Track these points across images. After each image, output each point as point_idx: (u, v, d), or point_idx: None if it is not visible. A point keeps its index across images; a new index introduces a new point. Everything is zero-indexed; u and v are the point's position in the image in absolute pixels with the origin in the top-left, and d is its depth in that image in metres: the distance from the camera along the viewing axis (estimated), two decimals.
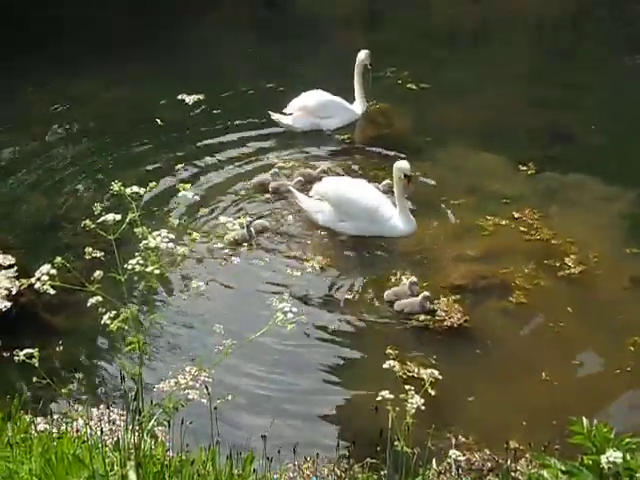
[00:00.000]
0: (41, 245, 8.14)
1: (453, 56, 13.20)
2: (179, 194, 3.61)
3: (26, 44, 12.72)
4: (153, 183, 3.67)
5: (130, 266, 3.44)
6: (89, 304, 3.48)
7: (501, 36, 14.08)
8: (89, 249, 3.57)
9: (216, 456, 4.58)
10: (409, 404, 3.62)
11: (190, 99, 11.18)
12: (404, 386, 3.74)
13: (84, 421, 5.26)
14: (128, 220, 3.48)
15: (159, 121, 10.68)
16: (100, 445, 4.29)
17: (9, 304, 6.96)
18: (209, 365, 4.15)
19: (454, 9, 15.19)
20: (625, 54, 12.84)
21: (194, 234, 3.60)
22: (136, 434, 3.65)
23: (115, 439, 4.64)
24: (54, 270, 3.42)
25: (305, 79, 11.55)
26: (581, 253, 7.82)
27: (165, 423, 3.67)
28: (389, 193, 8.53)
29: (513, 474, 5.50)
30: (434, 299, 7.24)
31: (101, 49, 12.83)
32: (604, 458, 3.04)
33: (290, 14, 14.95)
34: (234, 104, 11.27)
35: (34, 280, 3.41)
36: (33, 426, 5.06)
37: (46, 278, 3.39)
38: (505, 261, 7.77)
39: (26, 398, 5.57)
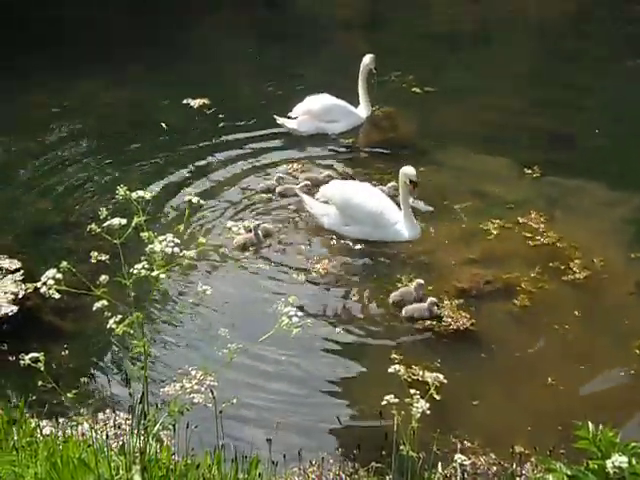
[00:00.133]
0: (46, 249, 8.14)
1: (456, 58, 13.20)
2: (184, 198, 3.62)
3: (26, 44, 12.72)
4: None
5: (136, 270, 3.45)
6: (95, 308, 3.49)
7: (502, 37, 14.06)
8: (94, 253, 3.58)
9: (221, 460, 4.58)
10: (414, 408, 3.62)
11: (195, 103, 11.21)
12: (409, 390, 3.74)
13: (90, 425, 5.27)
14: (134, 224, 3.48)
15: (164, 125, 10.69)
16: (106, 449, 4.29)
17: (15, 308, 6.98)
18: (215, 368, 4.14)
19: (454, 9, 15.17)
20: (627, 55, 12.80)
21: (201, 239, 3.61)
22: (142, 438, 3.66)
23: (121, 443, 4.65)
24: (60, 274, 3.42)
25: (307, 82, 11.56)
26: (586, 257, 7.81)
27: (170, 427, 3.68)
28: (394, 196, 8.52)
29: (518, 478, 5.50)
30: (439, 303, 7.24)
31: (101, 49, 12.83)
32: (610, 463, 3.04)
33: (290, 15, 14.95)
34: (238, 107, 11.27)
35: (40, 284, 3.42)
36: (39, 430, 5.06)
37: (52, 282, 3.39)
38: (510, 265, 7.76)
39: (32, 402, 5.58)
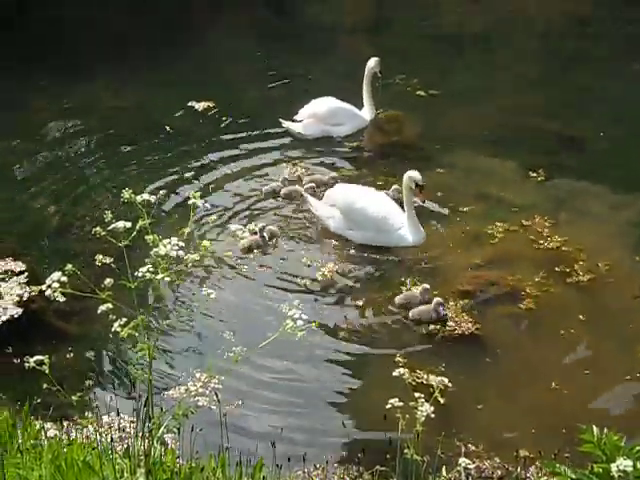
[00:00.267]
0: (51, 252, 8.15)
1: (460, 61, 13.16)
2: (189, 201, 3.62)
3: (26, 44, 12.72)
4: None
5: (140, 273, 3.45)
6: (99, 311, 3.49)
7: (504, 38, 13.99)
8: (99, 256, 3.58)
9: (226, 463, 4.58)
10: (419, 412, 3.61)
11: (200, 106, 11.21)
12: (414, 394, 3.74)
13: (94, 428, 5.27)
14: (138, 227, 3.49)
15: (168, 128, 10.68)
16: (110, 452, 4.29)
17: (20, 310, 7.00)
18: (219, 372, 4.15)
19: (459, 11, 15.14)
20: (632, 58, 12.77)
21: (205, 242, 3.60)
22: (146, 441, 3.66)
23: (125, 446, 4.64)
24: (65, 277, 3.43)
25: (314, 86, 11.54)
26: (591, 261, 7.80)
27: (175, 430, 3.68)
28: (398, 199, 8.50)
29: None
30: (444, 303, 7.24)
31: (101, 49, 12.79)
32: (614, 466, 3.03)
33: (299, 22, 14.95)
34: (243, 110, 11.24)
35: (45, 287, 3.43)
36: (43, 432, 5.06)
37: (57, 285, 3.40)
38: (515, 268, 7.75)
39: (36, 404, 5.58)
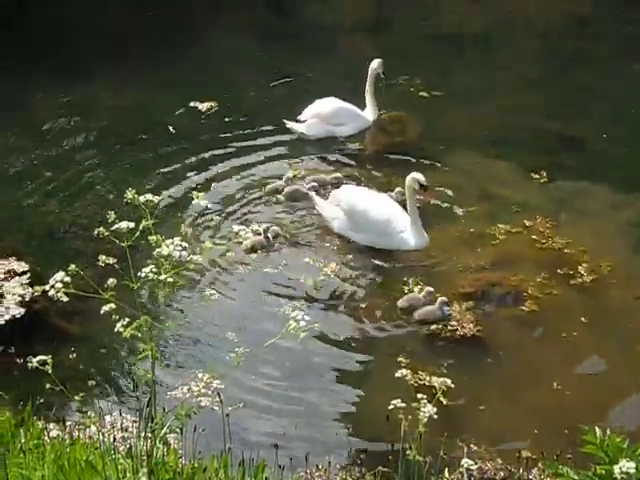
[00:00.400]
0: (54, 252, 8.15)
1: (462, 61, 13.14)
2: (193, 202, 3.62)
3: (26, 44, 12.72)
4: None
5: (143, 274, 3.46)
6: (102, 311, 3.49)
7: (505, 38, 13.98)
8: (102, 256, 3.59)
9: (228, 464, 4.58)
10: (421, 413, 3.61)
11: (203, 106, 11.21)
12: (416, 395, 3.74)
13: (97, 428, 5.27)
14: (141, 228, 3.49)
15: (172, 128, 10.68)
16: (113, 452, 4.30)
17: (23, 310, 7.01)
18: (222, 372, 4.15)
19: (460, 11, 15.12)
20: (632, 58, 12.74)
21: (207, 243, 3.60)
22: (149, 441, 3.66)
23: (128, 446, 4.65)
24: (68, 277, 3.43)
25: (314, 86, 11.54)
26: (593, 262, 7.79)
27: (178, 430, 3.68)
28: (402, 201, 8.49)
29: None
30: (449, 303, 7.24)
31: (101, 49, 12.79)
32: (617, 468, 3.03)
33: (299, 22, 14.94)
34: (244, 110, 11.21)
35: (48, 287, 3.43)
36: (46, 432, 5.07)
37: (60, 285, 3.40)
38: (517, 269, 7.75)
39: (39, 404, 5.59)
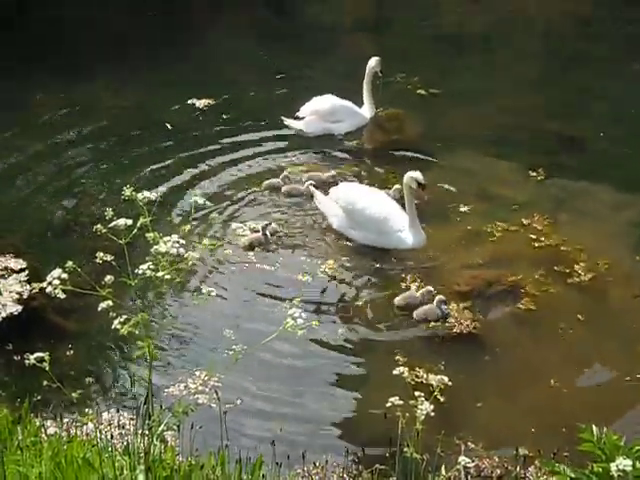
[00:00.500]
0: (52, 249, 8.14)
1: (461, 60, 13.14)
2: (190, 199, 3.62)
3: (26, 44, 12.71)
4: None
5: (141, 271, 3.45)
6: (100, 308, 3.49)
7: (504, 38, 13.99)
8: (100, 253, 3.58)
9: (225, 461, 4.58)
10: (418, 410, 3.61)
11: (200, 103, 11.21)
12: (413, 392, 3.74)
13: (94, 425, 5.27)
14: (139, 225, 3.48)
15: (169, 125, 10.68)
16: (110, 449, 4.30)
17: (20, 308, 7.01)
18: (219, 370, 4.14)
19: (459, 11, 15.13)
20: (632, 58, 12.75)
21: (205, 241, 3.60)
22: (146, 438, 3.66)
23: (125, 443, 4.65)
24: (65, 274, 3.43)
25: (314, 84, 11.53)
26: (591, 260, 7.80)
27: (175, 427, 3.68)
28: (399, 199, 8.49)
29: None
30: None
31: (101, 49, 12.79)
32: (614, 466, 3.04)
33: (299, 21, 14.94)
34: (243, 108, 11.23)
35: (45, 284, 3.42)
36: (43, 430, 5.07)
37: (57, 282, 3.40)
38: (514, 267, 7.75)
39: (36, 402, 5.59)
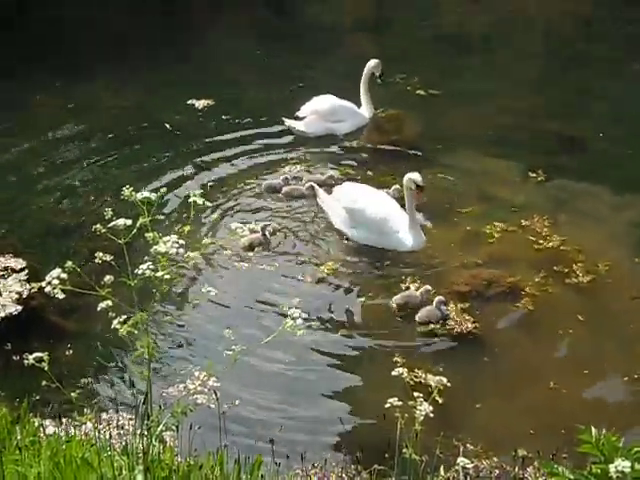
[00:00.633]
0: (52, 249, 8.14)
1: (460, 61, 13.14)
2: (189, 199, 3.62)
3: (26, 44, 12.70)
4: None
5: (140, 271, 3.45)
6: (99, 308, 3.49)
7: (504, 38, 13.99)
8: (99, 253, 3.58)
9: (224, 461, 4.58)
10: (417, 411, 3.61)
11: (199, 103, 11.20)
12: (412, 393, 3.74)
13: (93, 425, 5.27)
14: (138, 225, 3.48)
15: (168, 125, 10.68)
16: (109, 449, 4.29)
17: (19, 307, 7.01)
18: (218, 370, 4.13)
19: (459, 11, 15.13)
20: (632, 58, 12.75)
21: (204, 241, 3.60)
22: (145, 438, 3.66)
23: (124, 443, 4.65)
24: (64, 274, 3.42)
25: (314, 85, 11.53)
26: (590, 261, 7.80)
27: (174, 428, 3.68)
28: (399, 198, 8.49)
29: None
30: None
31: (101, 49, 12.78)
32: (613, 467, 3.03)
33: (299, 21, 14.95)
34: (242, 108, 11.22)
35: (45, 284, 3.42)
36: (42, 429, 5.07)
37: (57, 282, 3.39)
38: (514, 268, 7.75)
39: (35, 401, 5.59)
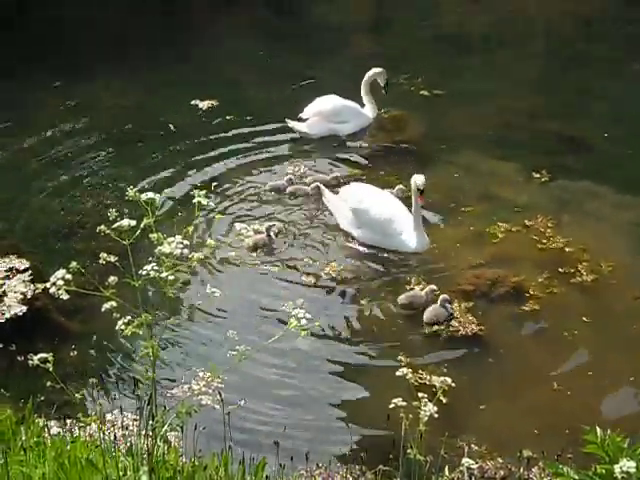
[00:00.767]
0: (55, 249, 8.15)
1: (464, 61, 13.10)
2: (194, 200, 3.61)
3: (26, 44, 12.71)
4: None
5: (145, 272, 3.45)
6: (104, 309, 3.49)
7: (505, 38, 13.97)
8: (104, 254, 3.58)
9: (229, 462, 4.58)
10: (422, 412, 3.61)
11: (203, 104, 11.20)
12: (417, 394, 3.74)
13: (98, 426, 5.28)
14: (142, 226, 3.48)
15: (172, 126, 10.68)
16: (113, 450, 4.30)
17: (24, 308, 7.01)
18: (222, 371, 4.12)
19: (461, 11, 15.12)
20: (632, 58, 12.72)
21: (209, 241, 3.60)
22: (149, 439, 3.66)
23: (128, 444, 4.65)
24: (69, 275, 3.43)
25: (319, 85, 11.52)
26: (594, 261, 7.79)
27: (178, 428, 3.68)
28: (402, 198, 8.49)
29: None
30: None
31: (101, 49, 12.77)
32: (618, 468, 3.03)
33: (306, 22, 14.93)
34: (246, 109, 11.19)
35: (49, 285, 3.42)
36: (47, 430, 5.07)
37: (61, 283, 3.40)
38: (518, 269, 7.74)
39: (40, 402, 5.59)
